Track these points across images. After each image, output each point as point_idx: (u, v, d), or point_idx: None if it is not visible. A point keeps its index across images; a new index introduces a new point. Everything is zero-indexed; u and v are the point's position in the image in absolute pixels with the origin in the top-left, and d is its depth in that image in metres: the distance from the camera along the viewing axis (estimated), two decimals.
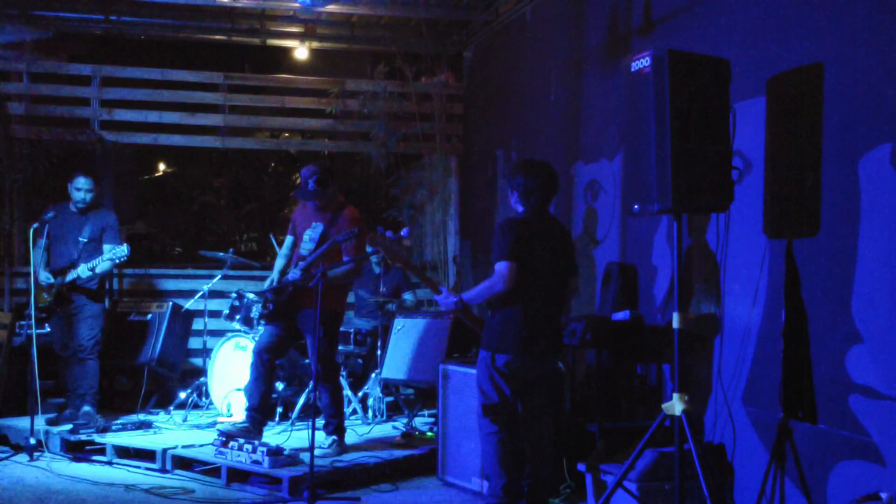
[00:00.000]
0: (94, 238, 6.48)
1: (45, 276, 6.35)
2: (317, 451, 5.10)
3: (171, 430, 6.35)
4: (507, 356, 4.52)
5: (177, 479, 5.51)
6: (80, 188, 6.50)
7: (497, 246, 4.50)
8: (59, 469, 5.72)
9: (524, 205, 4.66)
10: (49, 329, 6.60)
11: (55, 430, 6.19)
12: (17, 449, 6.18)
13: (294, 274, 5.73)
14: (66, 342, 6.49)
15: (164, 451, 5.73)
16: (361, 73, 9.94)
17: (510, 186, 4.71)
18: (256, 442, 5.43)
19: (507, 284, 4.45)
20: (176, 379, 7.43)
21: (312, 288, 5.05)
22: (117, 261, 6.30)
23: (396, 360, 6.69)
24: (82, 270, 6.27)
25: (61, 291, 6.37)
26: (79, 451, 6.07)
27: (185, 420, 6.63)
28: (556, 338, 4.71)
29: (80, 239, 6.44)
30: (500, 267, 4.46)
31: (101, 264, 6.28)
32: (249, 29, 8.96)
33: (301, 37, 9.10)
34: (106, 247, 6.42)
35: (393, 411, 7.05)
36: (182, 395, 6.99)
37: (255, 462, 5.28)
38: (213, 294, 7.34)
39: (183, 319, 7.56)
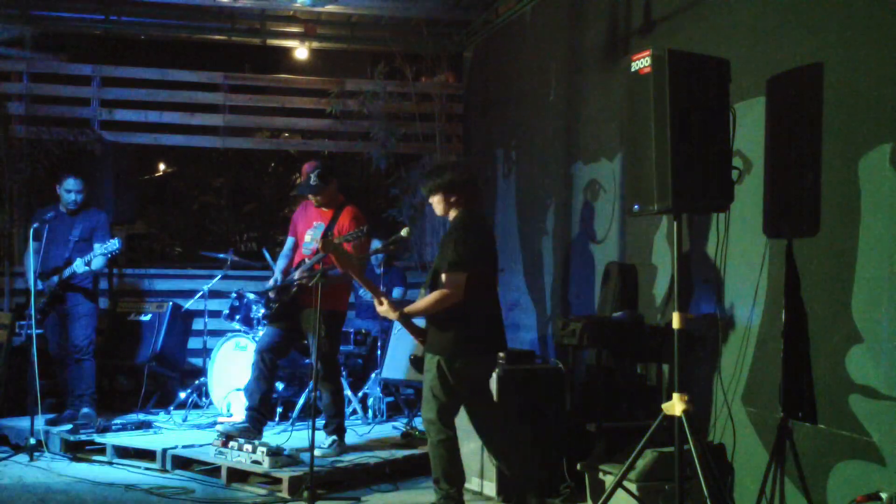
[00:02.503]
0: (85, 238, 6.47)
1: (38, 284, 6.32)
2: (317, 451, 5.10)
3: (171, 430, 6.35)
4: (461, 360, 4.51)
5: (177, 479, 5.51)
6: (70, 189, 6.49)
7: (453, 255, 4.43)
8: (59, 469, 5.72)
9: (463, 207, 4.61)
10: (43, 331, 6.58)
11: (55, 430, 6.19)
12: (17, 449, 6.17)
13: (297, 274, 5.73)
14: (62, 343, 6.48)
15: (164, 451, 5.73)
16: (361, 73, 9.93)
17: (448, 191, 4.59)
18: (256, 442, 5.43)
19: (461, 296, 4.42)
20: (176, 379, 7.42)
21: (313, 288, 5.05)
22: (110, 255, 6.28)
23: (396, 360, 6.68)
24: (78, 265, 6.24)
25: (55, 291, 6.36)
26: (79, 451, 6.07)
27: (185, 420, 6.63)
28: (503, 336, 4.75)
29: (71, 239, 6.43)
30: (455, 278, 4.41)
31: (96, 259, 6.25)
32: (249, 29, 8.96)
33: (301, 37, 9.10)
34: (97, 245, 6.37)
35: (393, 411, 7.05)
36: (182, 395, 6.99)
37: (255, 462, 5.28)
38: (213, 294, 7.34)
39: (183, 319, 7.55)
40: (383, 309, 4.64)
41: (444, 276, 4.46)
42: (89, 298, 6.55)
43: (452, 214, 4.65)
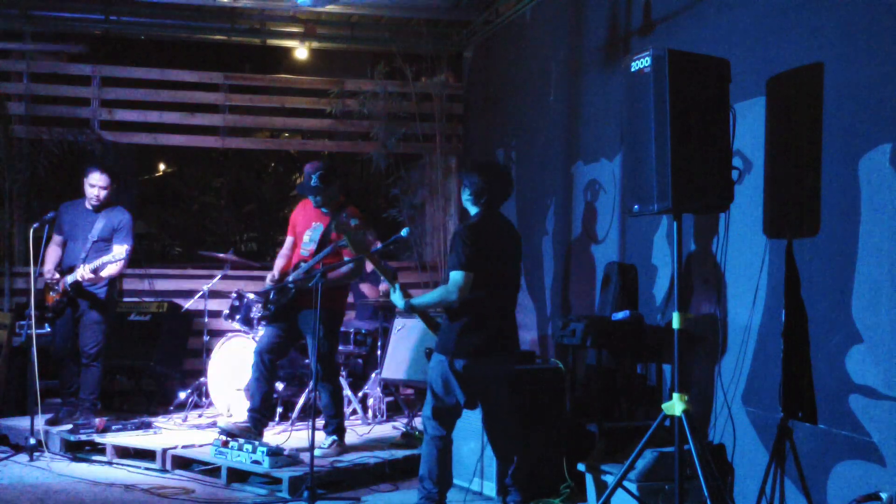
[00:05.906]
0: (105, 238, 6.26)
1: (51, 272, 6.22)
2: (317, 451, 5.10)
3: (171, 430, 6.35)
4: (463, 361, 4.48)
5: (177, 479, 5.51)
6: (95, 184, 6.24)
7: (455, 254, 4.44)
8: (59, 469, 5.72)
9: (477, 205, 4.63)
10: (49, 328, 6.54)
11: (55, 430, 6.19)
12: (17, 449, 6.17)
13: (296, 275, 5.73)
14: (66, 344, 6.38)
15: (164, 451, 5.73)
16: (361, 73, 9.93)
17: (464, 184, 4.67)
18: (256, 442, 5.44)
19: (461, 295, 4.40)
20: (176, 379, 7.42)
21: (313, 288, 5.05)
22: (115, 263, 6.10)
23: (396, 360, 6.69)
24: (85, 271, 6.04)
25: (67, 293, 6.21)
26: (79, 451, 6.07)
27: (185, 420, 6.63)
28: (512, 339, 4.70)
29: (90, 237, 6.24)
30: (457, 277, 4.41)
31: (103, 268, 6.07)
32: (249, 29, 8.96)
33: (301, 37, 9.10)
34: (115, 247, 6.19)
35: (393, 411, 7.06)
36: (182, 395, 6.99)
37: (255, 462, 5.28)
38: (213, 294, 7.34)
39: (183, 319, 7.55)
40: (396, 297, 4.66)
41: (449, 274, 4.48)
42: (103, 306, 6.34)
43: (472, 211, 4.66)
